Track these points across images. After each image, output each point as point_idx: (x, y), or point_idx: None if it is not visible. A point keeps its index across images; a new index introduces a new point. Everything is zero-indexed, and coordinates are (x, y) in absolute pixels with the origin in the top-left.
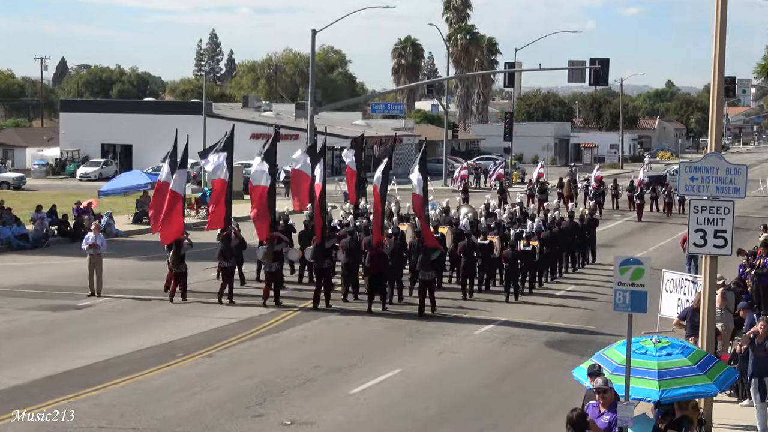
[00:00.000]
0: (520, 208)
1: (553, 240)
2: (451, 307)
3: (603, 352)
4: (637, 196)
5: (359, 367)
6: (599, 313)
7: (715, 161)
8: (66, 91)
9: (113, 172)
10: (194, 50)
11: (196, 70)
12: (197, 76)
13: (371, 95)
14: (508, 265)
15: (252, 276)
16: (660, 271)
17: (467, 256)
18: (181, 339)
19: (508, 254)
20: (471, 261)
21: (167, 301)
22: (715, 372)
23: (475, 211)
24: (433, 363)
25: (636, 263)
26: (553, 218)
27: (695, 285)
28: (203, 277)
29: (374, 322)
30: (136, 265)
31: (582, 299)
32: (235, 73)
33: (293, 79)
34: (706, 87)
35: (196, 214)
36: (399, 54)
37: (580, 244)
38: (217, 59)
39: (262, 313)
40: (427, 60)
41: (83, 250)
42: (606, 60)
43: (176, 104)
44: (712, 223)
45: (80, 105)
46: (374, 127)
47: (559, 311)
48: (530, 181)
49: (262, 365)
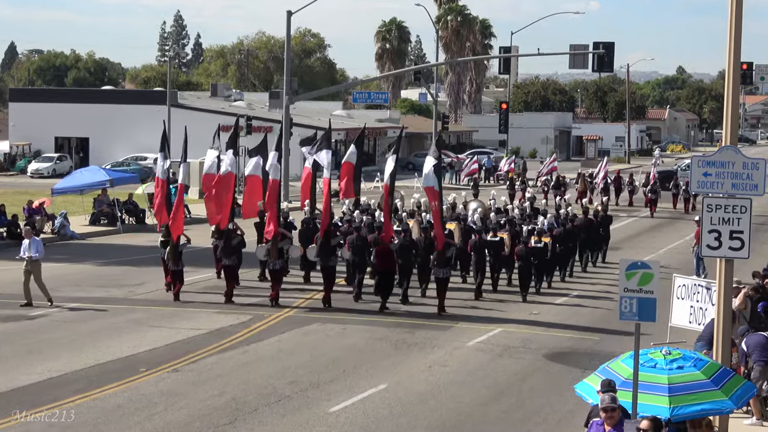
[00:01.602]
0: (531, 203)
1: (567, 237)
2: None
3: (608, 365)
4: (650, 190)
5: (340, 383)
6: (605, 322)
7: (731, 155)
8: (15, 79)
9: (68, 169)
10: (157, 33)
11: (159, 56)
12: (161, 62)
13: (352, 83)
14: (522, 262)
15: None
16: (671, 276)
17: (478, 254)
18: (144, 352)
19: (522, 251)
20: (482, 259)
21: (128, 309)
22: (731, 387)
23: (486, 207)
24: (421, 378)
25: (644, 267)
26: (566, 214)
27: (709, 291)
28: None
29: (356, 332)
30: (94, 271)
31: (586, 306)
32: (203, 58)
33: (267, 66)
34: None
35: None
36: (383, 38)
37: (595, 242)
38: (183, 43)
39: (232, 323)
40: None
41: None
42: (611, 44)
43: (137, 93)
44: (727, 223)
45: (31, 94)
46: (356, 118)
47: (561, 318)
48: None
49: (233, 381)
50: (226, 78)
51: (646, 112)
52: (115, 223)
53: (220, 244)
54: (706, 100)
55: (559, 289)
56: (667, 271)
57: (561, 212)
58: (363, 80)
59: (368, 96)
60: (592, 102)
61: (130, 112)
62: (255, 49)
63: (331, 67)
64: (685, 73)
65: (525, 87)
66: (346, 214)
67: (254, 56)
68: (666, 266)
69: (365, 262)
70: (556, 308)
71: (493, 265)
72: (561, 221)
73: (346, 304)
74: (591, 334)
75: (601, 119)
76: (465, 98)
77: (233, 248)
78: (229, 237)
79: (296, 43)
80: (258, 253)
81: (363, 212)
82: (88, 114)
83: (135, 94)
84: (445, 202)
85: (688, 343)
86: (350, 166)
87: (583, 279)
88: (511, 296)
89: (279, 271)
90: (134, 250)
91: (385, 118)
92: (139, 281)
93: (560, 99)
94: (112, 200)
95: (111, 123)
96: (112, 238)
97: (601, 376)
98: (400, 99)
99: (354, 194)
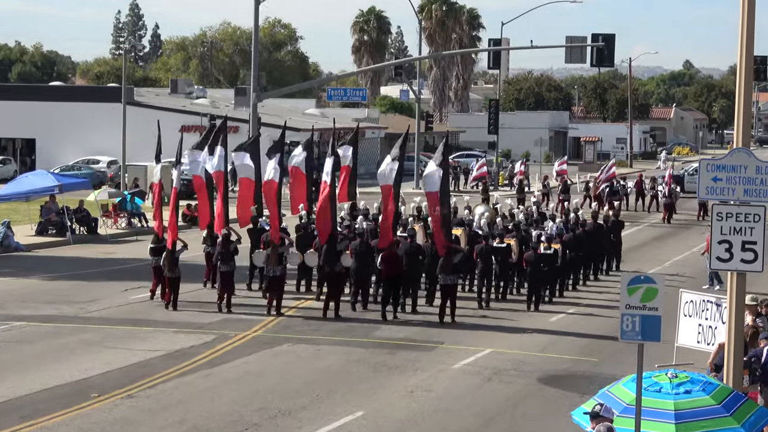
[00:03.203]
0: (537, 207)
1: (578, 243)
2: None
3: (608, 389)
4: (665, 194)
5: (313, 409)
6: (605, 341)
7: (743, 158)
8: None
9: (12, 173)
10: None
11: (113, 48)
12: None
13: (327, 79)
14: (532, 269)
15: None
16: (677, 291)
17: (484, 261)
18: (97, 376)
19: (531, 257)
20: (488, 266)
21: (79, 328)
22: (744, 413)
23: (492, 212)
24: (402, 404)
25: (648, 282)
26: (576, 219)
27: (719, 308)
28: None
29: (331, 353)
30: (42, 286)
31: (586, 322)
32: (162, 51)
33: (232, 60)
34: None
35: (114, 224)
36: (360, 29)
37: (606, 249)
38: (140, 35)
39: (194, 344)
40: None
41: None
42: (611, 36)
43: (89, 90)
44: (739, 233)
45: None
46: (331, 118)
47: (557, 337)
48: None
49: (195, 408)
50: (188, 73)
51: (650, 111)
52: (65, 233)
53: (216, 249)
54: (715, 98)
55: (567, 299)
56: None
57: (570, 217)
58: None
59: (344, 93)
60: (590, 100)
61: (81, 111)
62: (219, 41)
63: (304, 61)
64: (692, 68)
65: (517, 83)
66: (345, 219)
67: (218, 49)
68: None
69: (369, 269)
70: (553, 324)
71: (500, 273)
72: (570, 226)
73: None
74: (589, 356)
75: (601, 119)
76: (451, 96)
77: (230, 254)
78: (226, 241)
79: (265, 34)
80: (256, 259)
81: (365, 217)
82: (35, 113)
83: (86, 91)
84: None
85: (696, 365)
86: (348, 169)
87: (590, 290)
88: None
89: (279, 278)
90: (86, 263)
91: (363, 118)
92: (92, 297)
93: (555, 97)
94: (61, 208)
95: (60, 122)
96: (61, 249)
97: (600, 401)
98: (380, 96)
99: (349, 198)
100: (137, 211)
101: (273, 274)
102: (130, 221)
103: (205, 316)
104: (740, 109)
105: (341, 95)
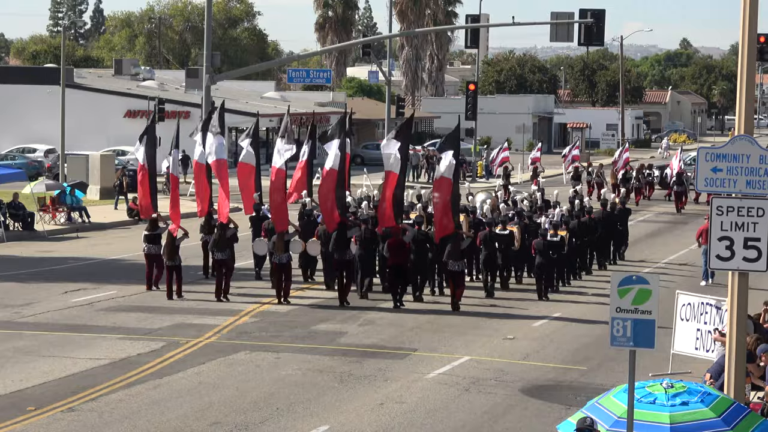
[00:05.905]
0: (541, 194)
1: (584, 231)
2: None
3: (598, 400)
4: (676, 182)
5: (272, 423)
6: (595, 348)
7: (746, 147)
8: None
9: None
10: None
11: (50, 25)
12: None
13: (288, 59)
14: (541, 257)
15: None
16: (673, 293)
17: (488, 248)
18: (33, 387)
19: (540, 245)
20: (492, 254)
21: (13, 335)
22: (746, 426)
23: (494, 198)
24: (371, 418)
25: (640, 282)
26: (582, 206)
27: (719, 311)
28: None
29: (292, 362)
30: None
31: (577, 326)
32: (104, 28)
33: (182, 38)
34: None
35: (52, 220)
36: (325, 3)
37: (613, 237)
38: (80, 10)
39: (141, 351)
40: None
41: None
42: (601, 12)
43: (24, 71)
44: (741, 229)
45: None
46: (292, 101)
47: (542, 345)
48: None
49: (142, 422)
50: (133, 53)
51: (644, 94)
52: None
53: (213, 237)
54: (715, 80)
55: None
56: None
57: (575, 203)
58: (300, 55)
59: (306, 74)
60: (578, 82)
61: (15, 94)
62: (168, 17)
63: (262, 39)
64: (690, 47)
65: (497, 64)
66: (350, 206)
67: (167, 26)
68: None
69: (374, 257)
70: (536, 330)
71: (503, 261)
72: (575, 213)
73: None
74: (577, 364)
75: (590, 103)
76: (424, 77)
77: (227, 241)
78: (224, 229)
79: (219, 10)
80: (257, 248)
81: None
82: None
83: (21, 72)
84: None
85: (694, 374)
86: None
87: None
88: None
89: (287, 264)
90: (21, 262)
91: (328, 102)
92: (27, 301)
93: (540, 79)
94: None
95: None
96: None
97: (590, 415)
98: (346, 78)
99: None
100: (78, 205)
101: (280, 261)
102: (70, 216)
103: (157, 319)
104: (742, 93)
105: (303, 77)
